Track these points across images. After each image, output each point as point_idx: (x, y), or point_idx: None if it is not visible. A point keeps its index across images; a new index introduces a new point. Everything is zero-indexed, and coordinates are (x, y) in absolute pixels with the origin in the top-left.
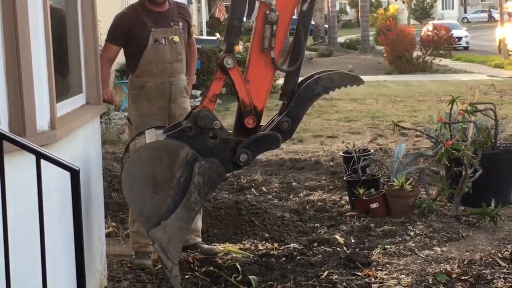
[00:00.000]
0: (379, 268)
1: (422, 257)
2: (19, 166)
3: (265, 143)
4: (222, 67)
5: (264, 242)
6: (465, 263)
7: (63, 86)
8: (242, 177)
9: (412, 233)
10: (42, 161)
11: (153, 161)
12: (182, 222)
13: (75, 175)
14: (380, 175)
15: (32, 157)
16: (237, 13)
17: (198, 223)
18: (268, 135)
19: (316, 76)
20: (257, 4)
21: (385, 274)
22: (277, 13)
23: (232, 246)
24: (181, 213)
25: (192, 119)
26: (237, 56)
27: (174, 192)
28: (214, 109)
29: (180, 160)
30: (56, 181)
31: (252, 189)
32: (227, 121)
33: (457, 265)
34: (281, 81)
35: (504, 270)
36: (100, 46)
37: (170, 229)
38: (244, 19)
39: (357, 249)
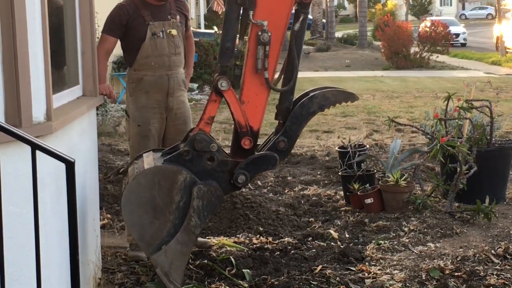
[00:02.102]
0: (373, 263)
1: (415, 252)
2: (15, 157)
3: (263, 163)
4: (216, 89)
5: (258, 236)
6: (458, 259)
7: (59, 77)
8: None
9: (406, 229)
10: (38, 152)
11: (152, 186)
12: (183, 246)
13: (70, 166)
14: (375, 171)
15: (28, 148)
16: (230, 35)
17: None
18: (265, 156)
19: (310, 94)
20: (249, 25)
21: (379, 269)
22: (269, 34)
23: (226, 240)
24: (181, 237)
25: (189, 142)
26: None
27: (174, 216)
28: (210, 131)
29: (179, 185)
30: (51, 173)
31: None
32: (224, 114)
33: (450, 261)
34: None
35: (497, 267)
36: (97, 38)
37: (171, 253)
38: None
39: (351, 244)
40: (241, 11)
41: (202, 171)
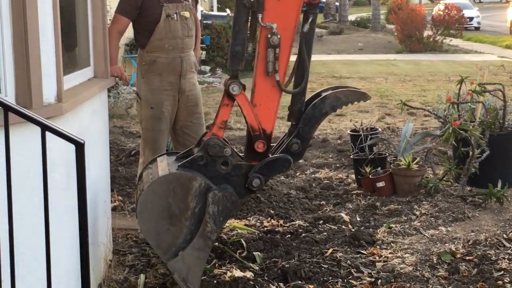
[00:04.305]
0: (384, 247)
1: (427, 236)
2: (25, 138)
3: (277, 166)
4: (228, 93)
5: (269, 218)
6: (470, 243)
7: (70, 59)
8: None
9: (417, 213)
10: (48, 134)
11: (167, 194)
12: (199, 251)
13: (80, 147)
14: (387, 154)
15: (38, 129)
16: (239, 38)
17: None
18: (279, 159)
19: (322, 95)
20: (258, 28)
21: (390, 253)
22: (278, 36)
23: (237, 222)
24: (198, 243)
25: (202, 147)
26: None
27: (189, 222)
28: (223, 135)
29: (194, 191)
30: (61, 154)
31: None
32: None
33: (462, 245)
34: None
35: (509, 251)
36: (109, 20)
37: (189, 259)
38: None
39: (362, 228)
40: (250, 14)
41: (216, 176)
